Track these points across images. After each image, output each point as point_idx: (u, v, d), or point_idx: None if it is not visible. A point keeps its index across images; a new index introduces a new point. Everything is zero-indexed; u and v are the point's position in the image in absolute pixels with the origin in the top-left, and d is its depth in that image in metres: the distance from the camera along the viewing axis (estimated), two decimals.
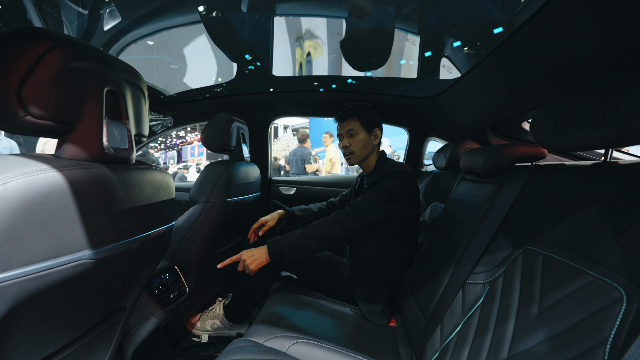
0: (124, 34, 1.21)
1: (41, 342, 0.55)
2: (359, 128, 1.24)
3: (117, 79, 0.59)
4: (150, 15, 1.10)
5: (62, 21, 1.10)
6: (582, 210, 0.53)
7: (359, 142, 1.24)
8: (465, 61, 1.15)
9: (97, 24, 1.12)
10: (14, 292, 0.43)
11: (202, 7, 1.03)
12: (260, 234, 1.38)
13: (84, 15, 1.09)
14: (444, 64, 1.25)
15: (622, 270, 0.43)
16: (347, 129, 1.25)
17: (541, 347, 0.49)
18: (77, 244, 0.51)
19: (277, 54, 1.35)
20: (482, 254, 0.74)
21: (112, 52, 1.30)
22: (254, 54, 1.35)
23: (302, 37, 1.25)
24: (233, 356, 0.74)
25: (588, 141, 0.51)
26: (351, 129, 1.24)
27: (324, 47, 1.30)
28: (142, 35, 1.25)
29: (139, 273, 0.75)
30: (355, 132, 1.24)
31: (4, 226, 0.40)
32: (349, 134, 1.25)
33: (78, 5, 1.03)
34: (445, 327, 0.75)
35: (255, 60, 1.39)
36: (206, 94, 1.70)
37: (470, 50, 1.07)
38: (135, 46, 1.31)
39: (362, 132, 1.24)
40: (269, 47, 1.30)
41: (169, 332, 1.25)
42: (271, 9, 1.05)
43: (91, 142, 0.55)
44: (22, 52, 0.46)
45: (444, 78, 1.33)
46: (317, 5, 1.04)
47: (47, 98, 0.48)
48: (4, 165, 0.43)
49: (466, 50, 1.09)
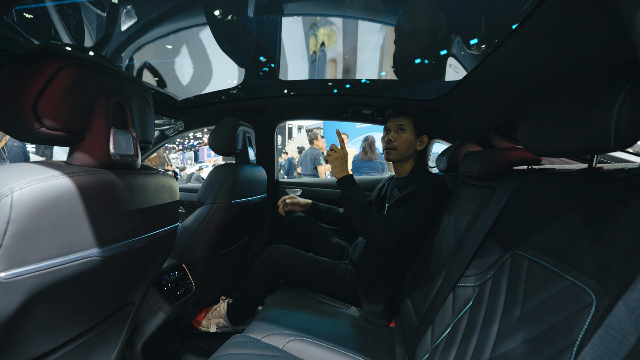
0: (141, 34, 1.24)
1: (54, 331, 0.61)
2: (409, 127, 1.25)
3: (124, 91, 0.65)
4: (164, 18, 1.14)
5: (82, 21, 1.15)
6: (565, 216, 0.54)
7: (405, 141, 1.24)
8: (466, 64, 1.15)
9: (115, 25, 1.17)
10: (29, 285, 0.49)
11: (217, 12, 1.05)
12: (289, 201, 1.51)
13: (103, 17, 1.14)
14: (445, 66, 1.25)
15: (594, 275, 0.43)
16: (397, 124, 1.26)
17: (519, 350, 0.51)
18: (85, 243, 0.56)
19: (283, 58, 1.38)
20: (473, 258, 0.75)
21: (127, 52, 1.33)
22: (268, 56, 1.37)
23: (308, 40, 1.27)
24: (231, 350, 0.78)
25: (566, 148, 0.52)
26: (402, 124, 1.25)
27: (330, 50, 1.31)
28: (156, 38, 1.28)
29: (144, 270, 0.81)
30: (405, 129, 1.24)
31: (20, 226, 0.46)
32: (397, 129, 1.26)
33: (97, 7, 1.08)
34: (436, 329, 0.77)
35: (269, 62, 1.41)
36: (215, 99, 1.77)
37: (471, 51, 1.07)
38: (150, 51, 1.36)
39: (411, 132, 1.25)
40: (277, 51, 1.32)
41: (177, 327, 1.31)
42: (278, 11, 1.06)
43: (99, 149, 0.60)
44: (37, 71, 0.51)
45: (446, 81, 1.33)
46: (325, 6, 1.05)
47: (59, 111, 0.53)
48: (21, 172, 0.48)
49: (467, 51, 1.09)
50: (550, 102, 0.57)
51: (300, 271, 1.24)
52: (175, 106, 1.76)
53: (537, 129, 0.60)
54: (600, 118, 0.44)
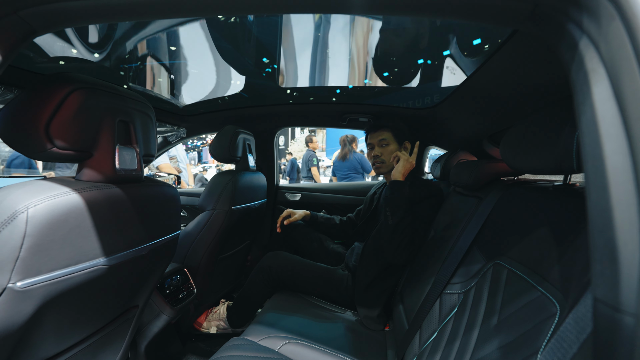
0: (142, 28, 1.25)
1: (64, 334, 0.65)
2: (390, 139, 1.30)
3: (128, 110, 0.69)
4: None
5: None
6: (539, 229, 0.57)
7: (390, 153, 1.29)
8: (460, 73, 1.18)
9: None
10: (42, 293, 0.53)
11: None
12: (285, 223, 1.52)
13: None
14: (441, 74, 1.28)
15: (560, 287, 0.47)
16: (379, 139, 1.31)
17: (494, 355, 0.54)
18: (93, 253, 0.61)
19: (283, 66, 1.42)
20: (459, 266, 0.78)
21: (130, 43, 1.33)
22: (270, 57, 1.39)
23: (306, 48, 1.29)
24: (229, 352, 0.82)
25: (539, 167, 0.55)
26: (383, 138, 1.30)
27: (328, 58, 1.34)
28: (156, 31, 1.28)
29: (148, 276, 0.85)
30: (387, 142, 1.30)
31: (35, 240, 0.50)
32: (380, 144, 1.31)
33: None
34: (423, 334, 0.80)
35: (272, 63, 1.44)
36: (216, 107, 1.81)
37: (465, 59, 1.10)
38: (152, 55, 1.37)
39: (393, 143, 1.29)
40: (277, 56, 1.35)
41: (179, 329, 1.36)
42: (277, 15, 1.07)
43: (105, 165, 0.65)
44: (49, 97, 0.56)
45: (442, 88, 1.36)
46: None
47: (69, 132, 0.58)
48: (35, 190, 0.53)
49: (460, 60, 1.12)
50: (529, 120, 0.61)
51: (298, 278, 1.28)
52: (177, 114, 1.82)
53: (515, 146, 0.64)
54: (564, 141, 0.47)
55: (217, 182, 1.36)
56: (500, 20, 0.41)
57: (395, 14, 0.44)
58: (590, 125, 0.29)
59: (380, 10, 0.45)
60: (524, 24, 0.40)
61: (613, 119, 0.27)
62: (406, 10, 0.43)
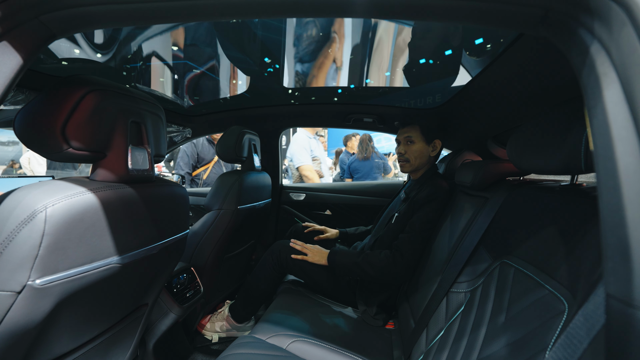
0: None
1: (79, 331, 0.67)
2: (417, 137, 1.25)
3: (140, 111, 0.71)
4: None
5: None
6: (546, 229, 0.58)
7: (414, 152, 1.25)
8: (465, 73, 1.18)
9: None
10: (59, 290, 0.55)
11: None
12: (315, 238, 1.53)
13: None
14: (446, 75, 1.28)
15: (567, 285, 0.48)
16: (405, 136, 1.27)
17: (502, 352, 0.55)
18: (107, 252, 0.62)
19: (287, 67, 1.43)
20: (465, 265, 0.79)
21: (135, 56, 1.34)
22: (272, 57, 1.39)
23: (312, 49, 1.29)
24: (238, 350, 0.84)
25: (546, 167, 0.56)
26: (409, 136, 1.25)
27: (334, 59, 1.34)
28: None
29: (158, 274, 0.87)
30: (413, 140, 1.25)
31: (53, 239, 0.51)
32: (406, 141, 1.26)
33: None
34: (430, 332, 0.81)
35: (274, 62, 1.44)
36: (221, 108, 1.83)
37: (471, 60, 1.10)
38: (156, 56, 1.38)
39: (420, 141, 1.25)
40: (281, 56, 1.35)
41: (187, 327, 1.37)
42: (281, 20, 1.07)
43: (119, 166, 0.66)
44: (64, 99, 0.57)
45: (446, 88, 1.37)
46: None
47: (84, 133, 0.59)
48: (53, 190, 0.54)
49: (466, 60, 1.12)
50: (537, 121, 0.62)
51: (305, 263, 1.29)
52: (183, 114, 1.83)
53: (523, 146, 0.64)
54: (572, 142, 0.48)
55: (224, 182, 1.37)
56: (511, 25, 0.41)
57: (407, 18, 0.45)
58: (602, 127, 0.30)
59: (391, 15, 0.46)
60: (535, 29, 0.40)
61: (624, 121, 0.28)
62: (418, 15, 0.44)
